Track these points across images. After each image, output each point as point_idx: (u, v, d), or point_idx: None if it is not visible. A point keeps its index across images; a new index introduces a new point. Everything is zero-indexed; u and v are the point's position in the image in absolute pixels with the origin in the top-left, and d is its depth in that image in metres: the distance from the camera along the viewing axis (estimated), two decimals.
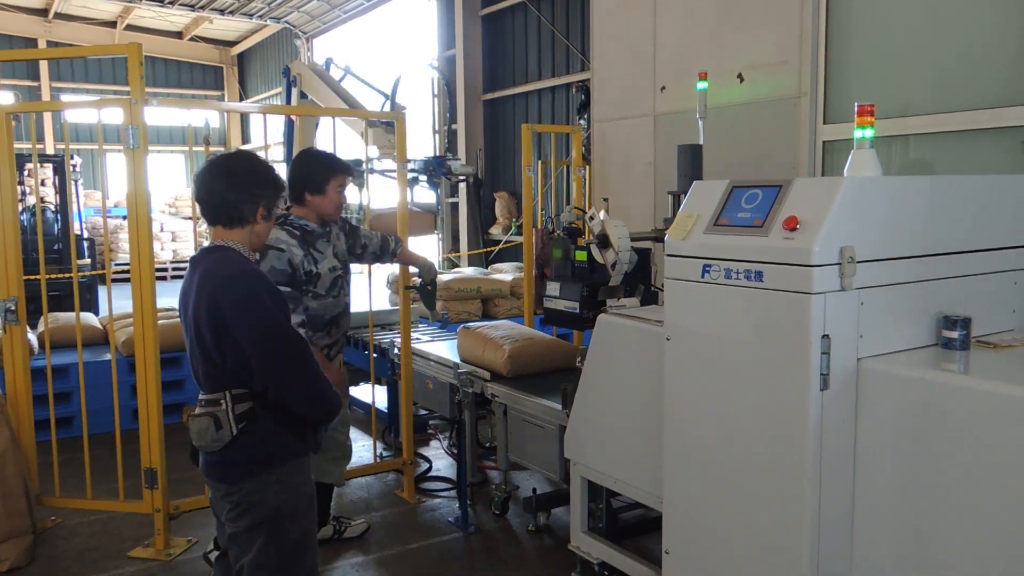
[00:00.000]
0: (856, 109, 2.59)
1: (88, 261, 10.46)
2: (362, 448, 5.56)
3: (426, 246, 12.83)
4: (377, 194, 6.24)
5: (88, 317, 6.73)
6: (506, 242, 10.84)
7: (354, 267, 4.00)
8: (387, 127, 6.15)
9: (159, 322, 3.98)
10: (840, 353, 2.22)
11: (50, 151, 17.08)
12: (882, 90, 3.63)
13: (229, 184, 2.43)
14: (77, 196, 11.89)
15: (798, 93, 3.92)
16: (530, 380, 4.11)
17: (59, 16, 18.33)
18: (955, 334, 2.34)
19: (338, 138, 4.63)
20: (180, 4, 17.05)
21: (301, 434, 2.47)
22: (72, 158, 10.19)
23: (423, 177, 6.97)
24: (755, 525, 2.40)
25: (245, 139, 20.99)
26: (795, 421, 2.25)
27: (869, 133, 2.58)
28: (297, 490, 2.48)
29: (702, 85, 3.77)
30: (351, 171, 3.73)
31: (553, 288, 3.59)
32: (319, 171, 3.60)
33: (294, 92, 7.66)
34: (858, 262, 2.21)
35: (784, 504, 2.30)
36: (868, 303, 2.27)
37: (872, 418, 2.26)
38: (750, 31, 4.13)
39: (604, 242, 3.35)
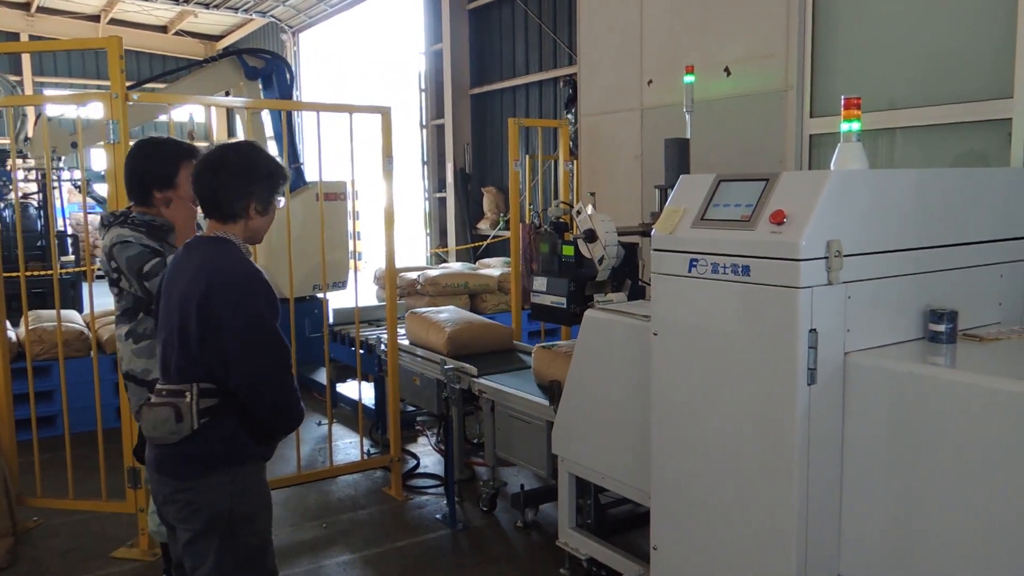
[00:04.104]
0: (843, 102, 2.58)
1: (72, 258, 10.35)
2: (349, 445, 5.53)
3: (415, 242, 12.81)
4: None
5: (71, 315, 6.66)
6: (494, 237, 10.82)
7: (341, 261, 3.92)
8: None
9: None
10: (827, 347, 2.21)
11: None
12: (869, 83, 3.63)
13: (218, 179, 2.37)
14: (60, 192, 11.76)
15: (785, 86, 3.90)
16: (470, 360, 4.41)
17: (42, 10, 18.15)
18: (942, 327, 2.34)
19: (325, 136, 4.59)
20: None
21: (259, 439, 2.40)
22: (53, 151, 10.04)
23: None
24: (743, 520, 2.39)
25: (231, 134, 20.84)
26: (782, 415, 2.24)
27: (856, 126, 2.57)
28: (251, 493, 2.41)
29: (689, 79, 3.76)
30: (198, 153, 2.98)
31: (540, 283, 3.57)
32: (164, 160, 3.05)
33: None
34: (845, 256, 2.20)
35: (772, 499, 2.29)
36: (855, 297, 2.26)
37: (859, 412, 2.25)
38: (736, 24, 4.12)
39: (591, 237, 3.34)
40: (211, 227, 2.43)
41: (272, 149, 7.03)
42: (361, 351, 5.16)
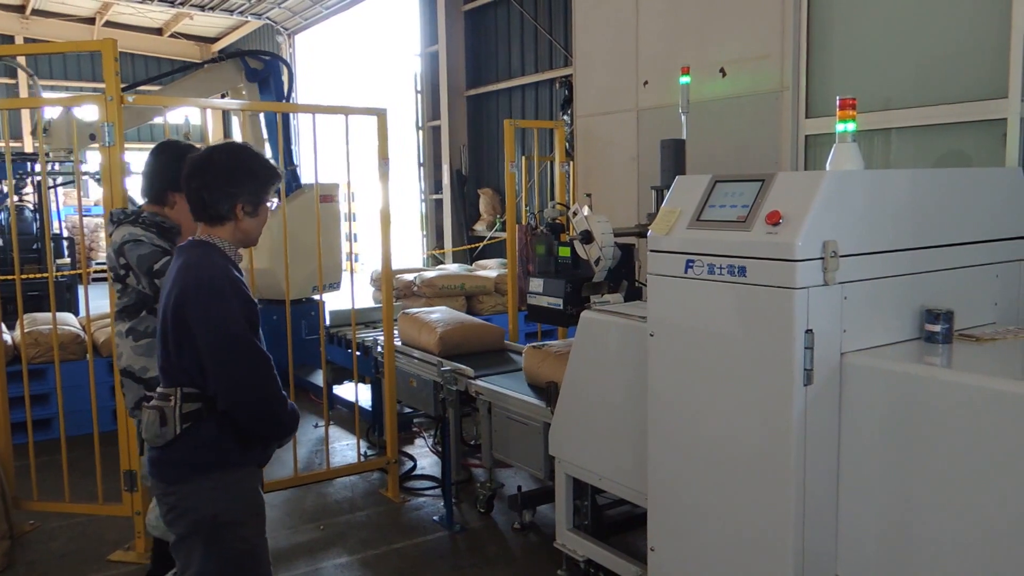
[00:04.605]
0: (838, 103, 2.58)
1: (68, 261, 10.32)
2: (346, 447, 5.53)
3: (411, 244, 12.80)
4: None
5: (67, 317, 6.64)
6: (490, 238, 10.81)
7: (334, 263, 3.92)
8: None
9: None
10: (823, 348, 2.21)
11: (28, 149, 16.84)
12: (864, 84, 3.63)
13: (203, 181, 2.34)
14: (56, 195, 11.72)
15: (780, 87, 3.91)
16: (462, 360, 4.41)
17: (37, 13, 18.11)
18: (938, 328, 2.34)
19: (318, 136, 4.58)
20: (159, 0, 16.87)
21: (247, 444, 2.36)
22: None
23: None
24: (740, 520, 2.39)
25: (227, 136, 20.80)
26: (779, 416, 2.24)
27: (851, 127, 2.57)
28: (238, 499, 2.37)
29: (685, 80, 3.76)
30: None
31: (536, 284, 3.57)
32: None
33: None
34: (841, 256, 2.20)
35: (769, 499, 2.29)
36: (851, 297, 2.26)
37: (856, 412, 2.25)
38: (732, 25, 4.12)
39: (587, 238, 3.33)
40: (200, 230, 2.41)
41: (268, 151, 7.02)
42: (358, 353, 5.15)
